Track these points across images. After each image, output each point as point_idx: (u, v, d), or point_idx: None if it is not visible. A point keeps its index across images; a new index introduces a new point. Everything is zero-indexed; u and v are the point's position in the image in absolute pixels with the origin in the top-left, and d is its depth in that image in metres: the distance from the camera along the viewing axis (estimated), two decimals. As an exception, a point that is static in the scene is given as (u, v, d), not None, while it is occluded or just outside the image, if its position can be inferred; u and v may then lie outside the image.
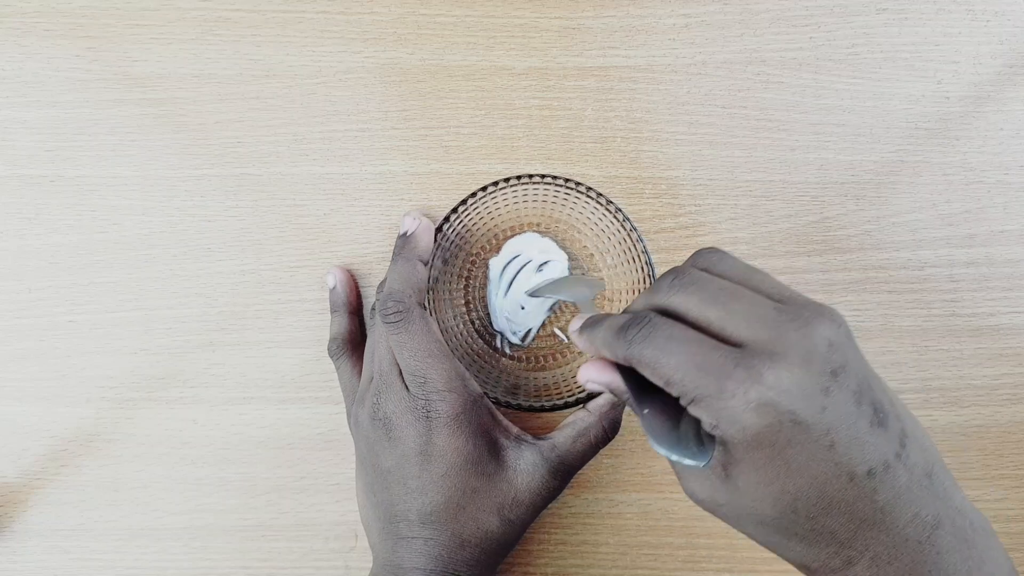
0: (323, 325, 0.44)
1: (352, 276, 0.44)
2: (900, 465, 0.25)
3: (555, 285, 0.40)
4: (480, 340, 0.44)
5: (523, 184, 0.39)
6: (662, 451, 0.26)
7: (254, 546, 0.44)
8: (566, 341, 0.44)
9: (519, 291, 0.42)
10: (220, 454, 0.44)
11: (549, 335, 0.44)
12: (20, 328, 0.44)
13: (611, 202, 0.39)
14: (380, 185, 0.44)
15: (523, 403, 0.40)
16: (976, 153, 0.44)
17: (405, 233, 0.41)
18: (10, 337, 0.44)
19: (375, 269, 0.44)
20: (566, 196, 0.40)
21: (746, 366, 0.24)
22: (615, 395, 0.29)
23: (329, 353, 0.42)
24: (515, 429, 0.39)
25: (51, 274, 0.44)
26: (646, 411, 0.27)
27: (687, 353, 0.25)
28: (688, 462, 0.26)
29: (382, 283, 0.40)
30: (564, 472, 0.38)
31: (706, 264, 0.28)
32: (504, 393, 0.40)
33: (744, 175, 0.44)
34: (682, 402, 0.26)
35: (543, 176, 0.39)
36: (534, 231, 0.43)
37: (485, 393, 0.38)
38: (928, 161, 0.44)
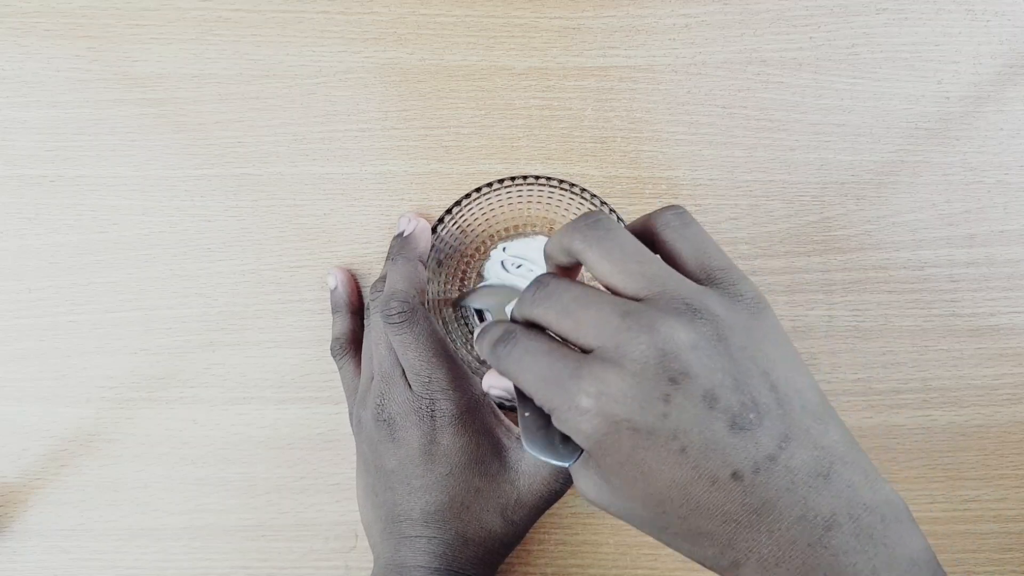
0: (323, 325, 0.44)
1: (353, 276, 0.44)
2: (775, 467, 0.24)
3: (475, 294, 0.41)
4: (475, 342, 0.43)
5: (518, 185, 0.39)
6: (532, 452, 0.27)
7: (254, 546, 0.44)
8: None
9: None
10: (220, 454, 0.44)
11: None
12: (20, 328, 0.44)
13: (604, 203, 0.39)
14: (380, 185, 0.44)
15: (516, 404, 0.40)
16: (976, 153, 0.44)
17: (401, 233, 0.41)
18: (10, 337, 0.44)
19: (375, 269, 0.44)
20: (560, 197, 0.40)
21: (579, 376, 0.24)
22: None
23: (332, 353, 0.42)
24: (516, 429, 0.39)
25: (51, 274, 0.44)
26: (526, 414, 0.28)
27: (539, 366, 0.26)
28: (554, 462, 0.27)
29: (376, 282, 0.40)
30: (566, 473, 0.38)
31: (578, 250, 0.27)
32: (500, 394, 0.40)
33: (744, 175, 0.44)
34: (548, 414, 0.26)
35: (537, 177, 0.39)
36: (536, 233, 0.43)
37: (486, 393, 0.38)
38: (928, 161, 0.44)
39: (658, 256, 0.27)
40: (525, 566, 0.44)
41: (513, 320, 0.29)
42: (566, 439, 0.27)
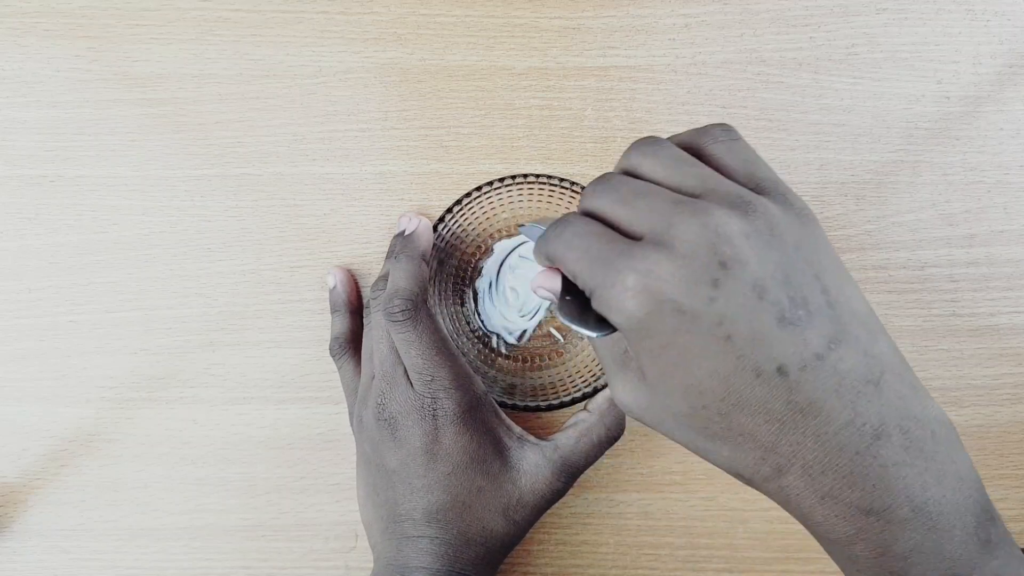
0: (323, 325, 0.44)
1: (352, 276, 0.44)
2: (823, 366, 0.23)
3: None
4: (476, 340, 0.44)
5: (518, 184, 0.39)
6: (564, 319, 0.27)
7: (254, 546, 0.44)
8: (561, 341, 0.44)
9: (505, 283, 0.43)
10: (220, 454, 0.44)
11: (545, 335, 0.44)
12: (20, 328, 0.44)
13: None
14: (380, 185, 0.44)
15: (519, 403, 0.40)
16: (976, 153, 0.44)
17: (403, 232, 0.41)
18: (10, 337, 0.44)
19: (375, 269, 0.44)
20: (561, 196, 0.40)
21: (629, 255, 0.24)
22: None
23: (331, 353, 0.42)
24: (518, 429, 0.39)
25: (51, 274, 0.44)
26: (567, 298, 0.27)
27: (586, 247, 0.25)
28: (584, 331, 0.26)
29: (377, 281, 0.40)
30: (568, 473, 0.38)
31: (634, 164, 0.27)
32: (501, 393, 0.40)
33: (744, 175, 0.44)
34: (588, 295, 0.26)
35: (538, 176, 0.39)
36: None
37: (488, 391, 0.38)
38: (928, 161, 0.44)
39: (707, 167, 0.27)
40: (525, 566, 0.44)
41: None
42: (602, 322, 0.26)
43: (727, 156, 0.27)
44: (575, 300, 0.27)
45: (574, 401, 0.40)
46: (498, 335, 0.44)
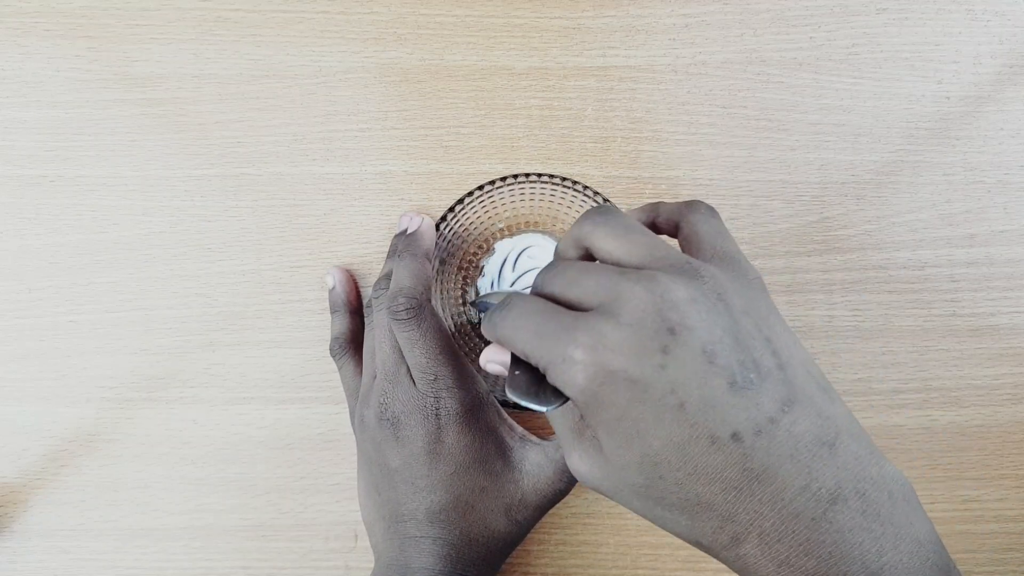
0: (323, 325, 0.44)
1: (351, 275, 0.44)
2: (777, 430, 0.23)
3: (487, 296, 0.41)
4: (477, 339, 0.44)
5: (520, 183, 0.39)
6: (513, 397, 0.26)
7: (254, 546, 0.44)
8: None
9: (506, 285, 0.43)
10: (220, 454, 0.44)
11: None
12: (20, 328, 0.44)
13: (607, 200, 0.39)
14: (380, 185, 0.44)
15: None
16: (976, 153, 0.44)
17: (404, 231, 0.41)
18: (10, 337, 0.44)
19: (375, 269, 0.44)
20: (563, 195, 0.40)
21: (574, 327, 0.24)
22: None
23: (331, 353, 0.42)
24: (520, 429, 0.39)
25: (51, 274, 0.44)
26: (516, 372, 0.27)
27: (533, 326, 0.25)
28: (534, 406, 0.26)
29: (380, 280, 0.40)
30: (570, 473, 0.38)
31: (585, 233, 0.28)
32: (503, 393, 0.40)
33: (744, 175, 0.44)
34: (542, 371, 0.26)
35: (540, 175, 0.39)
36: (533, 230, 0.43)
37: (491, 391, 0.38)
38: (928, 161, 0.44)
39: (663, 237, 0.27)
40: (525, 566, 0.44)
41: None
42: (556, 394, 0.26)
43: (701, 224, 0.28)
44: (525, 374, 0.27)
45: (574, 401, 0.40)
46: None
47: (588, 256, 0.28)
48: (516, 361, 0.27)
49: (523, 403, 0.26)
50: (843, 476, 0.23)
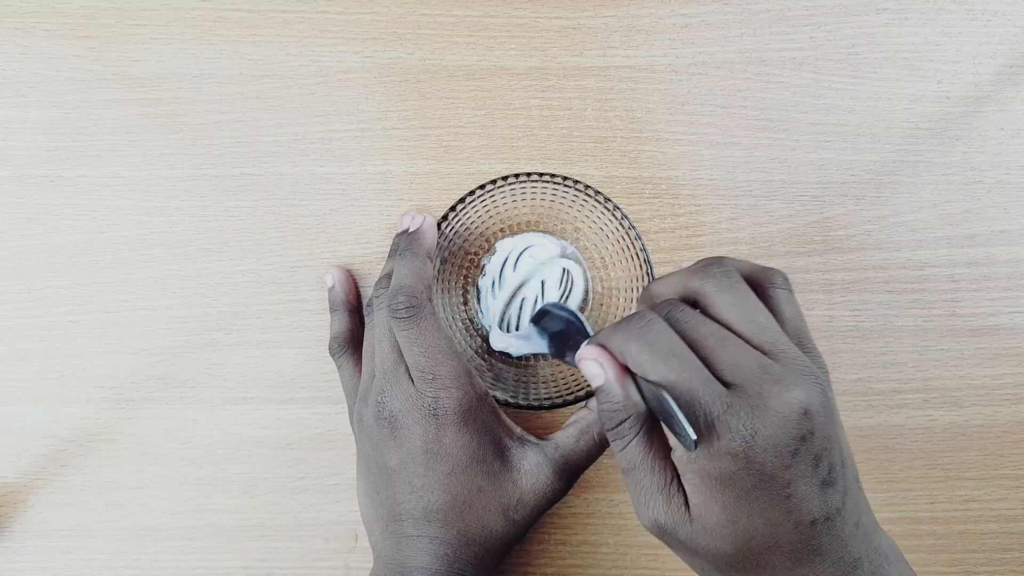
0: (323, 325, 0.44)
1: (351, 275, 0.44)
2: (839, 518, 0.29)
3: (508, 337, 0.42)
4: (478, 338, 0.44)
5: (521, 182, 0.39)
6: (680, 415, 0.27)
7: (254, 546, 0.44)
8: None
9: (510, 285, 0.43)
10: (220, 454, 0.44)
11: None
12: (20, 328, 0.44)
13: (609, 200, 0.39)
14: (380, 185, 0.44)
15: (521, 402, 0.40)
16: (976, 153, 0.44)
17: (406, 230, 0.40)
18: (10, 337, 0.44)
19: (375, 269, 0.44)
20: (564, 194, 0.40)
21: (730, 412, 0.27)
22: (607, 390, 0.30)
23: (330, 352, 0.42)
24: (518, 429, 0.39)
25: (51, 274, 0.44)
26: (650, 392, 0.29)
27: (683, 370, 0.28)
28: (680, 433, 0.27)
29: (381, 279, 0.40)
30: (569, 473, 0.38)
31: (707, 292, 0.30)
32: (502, 392, 0.40)
33: (744, 175, 0.44)
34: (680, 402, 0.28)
35: (541, 174, 0.39)
36: (533, 230, 0.43)
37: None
38: (928, 161, 0.44)
39: (772, 318, 0.30)
40: (525, 566, 0.44)
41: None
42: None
43: (785, 305, 0.31)
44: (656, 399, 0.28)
45: (577, 400, 0.40)
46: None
47: (689, 301, 0.31)
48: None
49: (679, 421, 0.27)
50: (861, 548, 0.30)
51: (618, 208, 0.39)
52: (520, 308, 0.43)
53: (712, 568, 0.31)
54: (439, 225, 0.40)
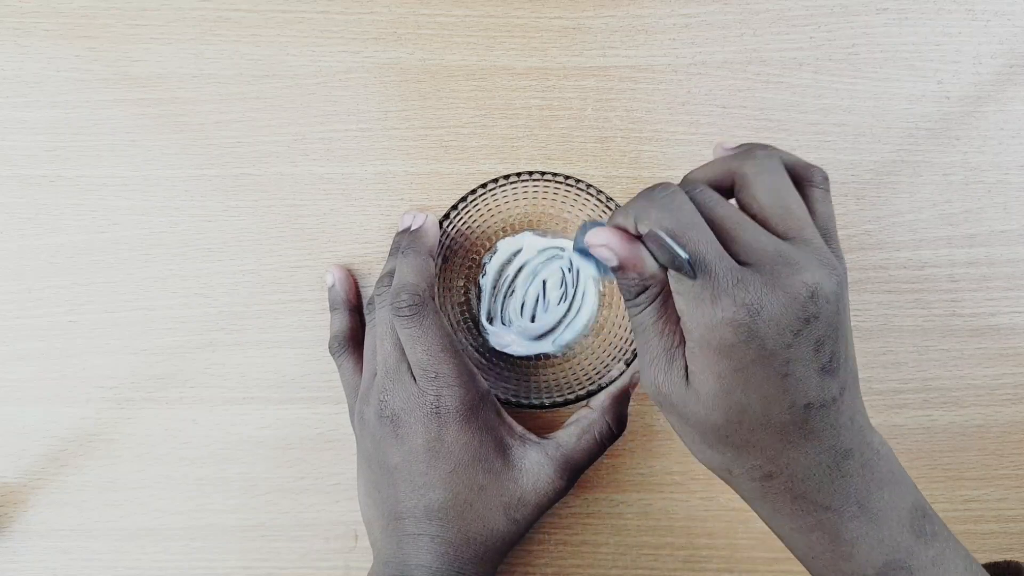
0: (323, 325, 0.44)
1: (350, 273, 0.44)
2: (834, 407, 0.29)
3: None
4: (479, 337, 0.44)
5: (524, 181, 0.39)
6: (664, 245, 0.28)
7: (254, 546, 0.44)
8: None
9: (523, 290, 0.43)
10: (220, 454, 0.44)
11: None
12: (20, 328, 0.44)
13: (611, 199, 0.39)
14: (380, 185, 0.44)
15: (522, 401, 0.40)
16: (976, 153, 0.44)
17: (408, 229, 0.40)
18: (10, 337, 0.44)
19: (375, 269, 0.44)
20: (566, 193, 0.40)
21: (741, 282, 0.27)
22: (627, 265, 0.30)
23: (330, 351, 0.42)
24: (519, 428, 0.39)
25: (51, 274, 0.44)
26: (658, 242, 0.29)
27: (700, 238, 0.28)
28: (677, 262, 0.28)
29: (383, 277, 0.40)
30: (570, 471, 0.38)
31: (747, 172, 0.30)
32: (503, 391, 0.40)
33: (744, 175, 0.44)
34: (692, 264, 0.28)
35: (543, 173, 0.39)
36: (534, 229, 0.43)
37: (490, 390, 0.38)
38: (928, 161, 0.44)
39: (805, 208, 0.30)
40: (525, 566, 0.44)
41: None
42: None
43: (820, 204, 0.31)
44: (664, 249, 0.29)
45: (578, 399, 0.40)
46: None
47: (723, 190, 0.31)
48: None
49: (673, 249, 0.28)
50: (853, 440, 0.30)
51: (619, 206, 0.39)
52: (521, 307, 0.43)
53: (701, 440, 0.31)
54: (441, 224, 0.40)
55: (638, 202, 0.30)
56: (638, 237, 0.29)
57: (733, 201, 0.31)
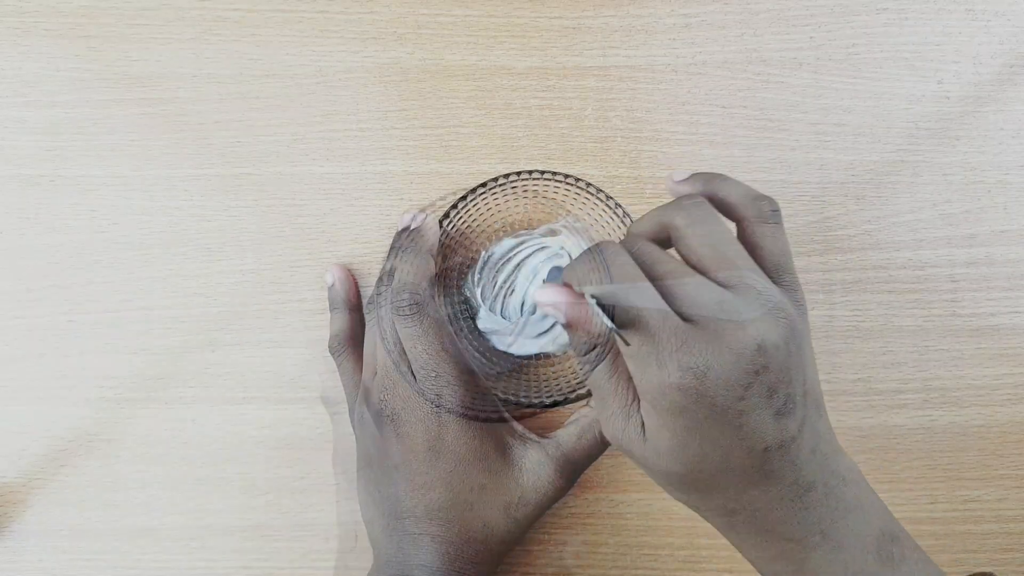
0: (323, 325, 0.44)
1: (350, 273, 0.44)
2: (793, 445, 0.29)
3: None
4: (479, 336, 0.43)
5: (523, 180, 0.39)
6: (607, 308, 0.28)
7: (254, 546, 0.44)
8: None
9: (522, 289, 0.43)
10: (220, 454, 0.44)
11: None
12: (20, 328, 0.44)
13: (611, 198, 0.39)
14: (380, 185, 0.44)
15: (522, 400, 0.40)
16: (976, 153, 0.44)
17: (407, 228, 0.40)
18: (10, 337, 0.44)
19: (375, 268, 0.44)
20: (567, 192, 0.40)
21: (684, 347, 0.27)
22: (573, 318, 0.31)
23: (330, 350, 0.42)
24: (519, 427, 0.39)
25: (51, 274, 0.44)
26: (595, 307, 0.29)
27: (651, 298, 0.28)
28: (608, 323, 0.28)
29: (381, 277, 0.40)
30: (570, 471, 0.38)
31: (678, 225, 0.30)
32: (503, 391, 0.40)
33: (744, 175, 0.44)
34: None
35: (543, 172, 0.39)
36: (535, 229, 0.43)
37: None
38: (928, 161, 0.44)
39: (744, 250, 0.30)
40: (525, 566, 0.44)
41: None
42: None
43: (769, 240, 0.31)
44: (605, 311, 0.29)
45: (579, 398, 0.39)
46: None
47: (662, 241, 0.31)
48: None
49: (602, 319, 0.28)
50: (816, 472, 0.30)
51: (619, 206, 0.39)
52: (521, 307, 0.43)
53: (667, 483, 0.31)
54: (440, 223, 0.40)
55: (582, 263, 0.30)
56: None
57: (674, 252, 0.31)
